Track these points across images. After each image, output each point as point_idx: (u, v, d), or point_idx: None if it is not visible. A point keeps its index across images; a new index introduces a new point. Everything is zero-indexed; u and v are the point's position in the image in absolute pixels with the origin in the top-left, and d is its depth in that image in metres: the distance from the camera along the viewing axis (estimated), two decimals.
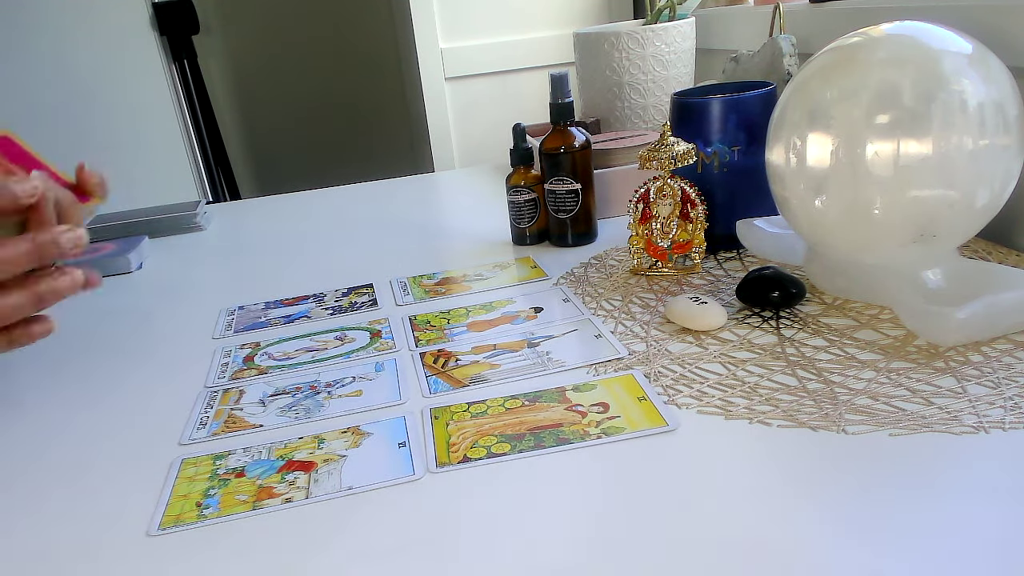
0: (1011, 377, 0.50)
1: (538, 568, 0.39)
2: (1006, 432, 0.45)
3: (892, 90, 0.54)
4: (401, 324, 0.71)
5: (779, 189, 0.62)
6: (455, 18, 1.70)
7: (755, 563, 0.37)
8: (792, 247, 0.69)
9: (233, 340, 0.72)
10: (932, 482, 0.41)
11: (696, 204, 0.71)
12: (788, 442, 0.46)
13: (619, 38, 1.09)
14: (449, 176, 1.32)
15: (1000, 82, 0.54)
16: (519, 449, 0.49)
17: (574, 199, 0.82)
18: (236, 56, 2.64)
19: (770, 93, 0.72)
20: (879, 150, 0.54)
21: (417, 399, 0.57)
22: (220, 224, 1.16)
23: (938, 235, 0.55)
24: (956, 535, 0.37)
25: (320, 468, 0.49)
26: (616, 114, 1.14)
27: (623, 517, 0.42)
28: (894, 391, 0.50)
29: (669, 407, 0.52)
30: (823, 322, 0.60)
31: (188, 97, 1.98)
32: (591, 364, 0.59)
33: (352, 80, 2.71)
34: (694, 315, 0.61)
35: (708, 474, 0.45)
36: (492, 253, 0.87)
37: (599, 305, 0.69)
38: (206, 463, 0.52)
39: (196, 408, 0.60)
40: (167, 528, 0.45)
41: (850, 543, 0.38)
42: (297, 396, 0.60)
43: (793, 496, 0.42)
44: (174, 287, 0.90)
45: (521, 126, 0.84)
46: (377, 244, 0.96)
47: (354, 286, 0.82)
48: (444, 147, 1.79)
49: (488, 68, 1.74)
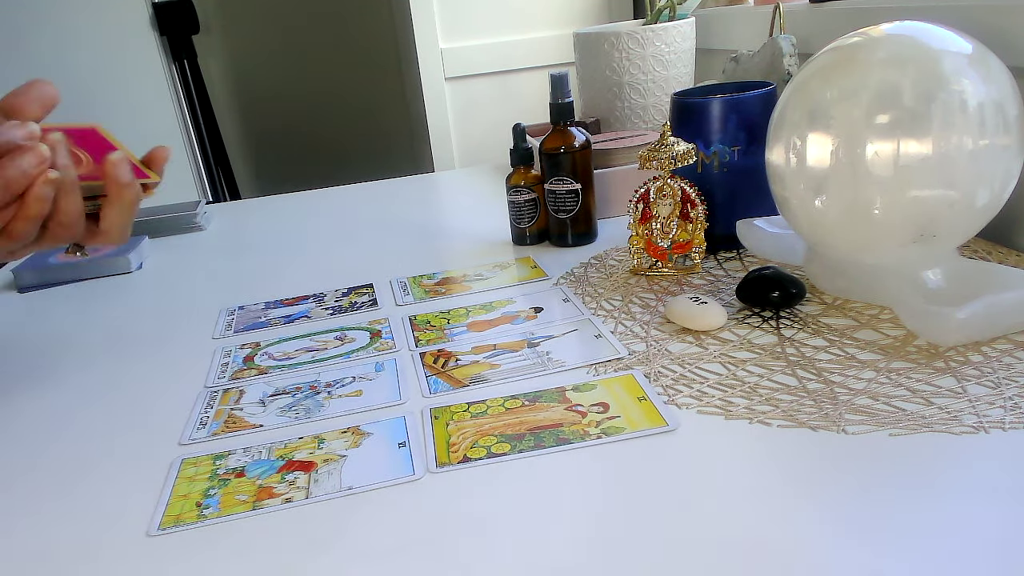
0: (1011, 377, 0.50)
1: (538, 568, 0.39)
2: (1006, 432, 0.45)
3: (892, 90, 0.54)
4: (401, 324, 0.71)
5: (779, 189, 0.62)
6: (455, 18, 1.70)
7: (755, 563, 0.37)
8: (792, 247, 0.69)
9: (233, 340, 0.72)
10: (932, 482, 0.41)
11: (696, 204, 0.71)
12: (788, 442, 0.46)
13: (619, 38, 1.09)
14: (449, 176, 1.32)
15: (1000, 82, 0.54)
16: (519, 449, 0.49)
17: (574, 199, 0.82)
18: (236, 56, 2.64)
19: (770, 93, 0.72)
20: (879, 150, 0.54)
21: (417, 399, 0.57)
22: (220, 224, 1.16)
23: (938, 235, 0.55)
24: (956, 535, 0.37)
25: (320, 468, 0.49)
26: (616, 114, 1.14)
27: (623, 517, 0.42)
28: (894, 391, 0.50)
29: (669, 407, 0.52)
30: (823, 322, 0.60)
31: (188, 97, 1.98)
32: (591, 364, 0.59)
33: (352, 80, 2.71)
34: (694, 315, 0.61)
35: (708, 474, 0.45)
36: (492, 253, 0.87)
37: (599, 305, 0.69)
38: (206, 463, 0.52)
39: (196, 408, 0.60)
40: (167, 528, 0.45)
41: (850, 543, 0.38)
42: (297, 396, 0.60)
43: (793, 496, 0.42)
44: (174, 287, 0.90)
45: (521, 126, 0.84)
46: (377, 244, 0.96)
47: (354, 286, 0.82)
48: (444, 147, 1.79)
49: (488, 68, 1.74)
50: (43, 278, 0.94)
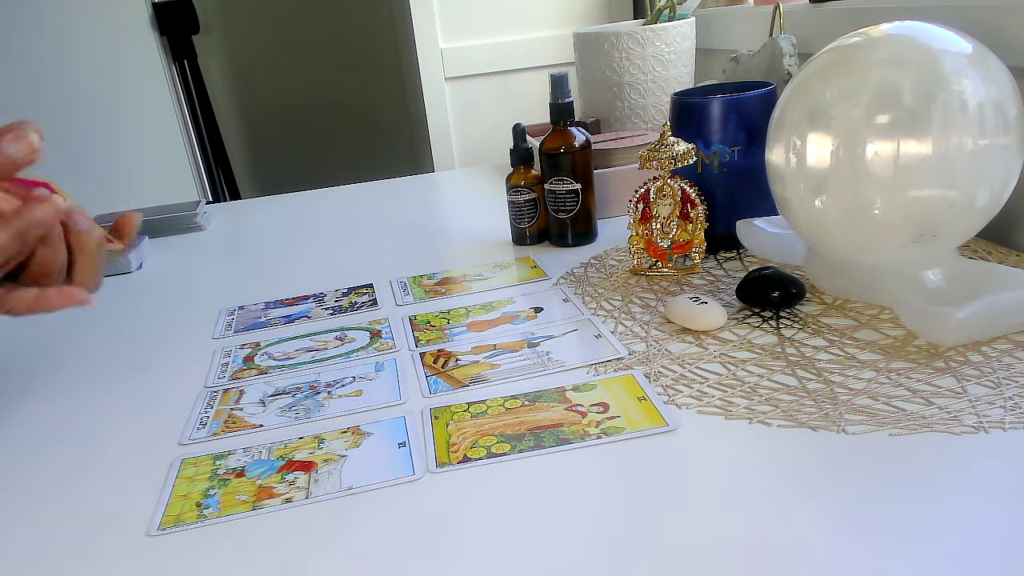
0: (1011, 377, 0.50)
1: (538, 568, 0.39)
2: (1006, 432, 0.45)
3: (892, 90, 0.54)
4: (401, 324, 0.71)
5: (779, 189, 0.62)
6: (455, 18, 1.70)
7: (755, 563, 0.37)
8: (792, 247, 0.69)
9: (233, 340, 0.72)
10: (932, 482, 0.41)
11: (696, 204, 0.71)
12: (788, 442, 0.46)
13: (619, 38, 1.09)
14: (449, 176, 1.32)
15: (1000, 82, 0.54)
16: (519, 449, 0.49)
17: (574, 199, 0.82)
18: (236, 56, 2.64)
19: (770, 93, 0.72)
20: (879, 150, 0.54)
21: (417, 399, 0.57)
22: (220, 224, 1.16)
23: (938, 235, 0.55)
24: (956, 535, 0.37)
25: (320, 468, 0.49)
26: (616, 114, 1.14)
27: (623, 517, 0.42)
28: (894, 391, 0.50)
29: (669, 407, 0.52)
30: (823, 322, 0.60)
31: (188, 97, 1.98)
32: (591, 364, 0.59)
33: (352, 80, 2.71)
34: (694, 315, 0.61)
35: (708, 474, 0.45)
36: (492, 253, 0.87)
37: (599, 305, 0.69)
38: (206, 463, 0.52)
39: (196, 408, 0.60)
40: (167, 528, 0.45)
41: (850, 543, 0.38)
42: (297, 396, 0.60)
43: (793, 496, 0.42)
44: (174, 287, 0.90)
45: (521, 126, 0.84)
46: (377, 244, 0.96)
47: (354, 286, 0.82)
48: (444, 147, 1.79)
49: (488, 68, 1.74)
50: None
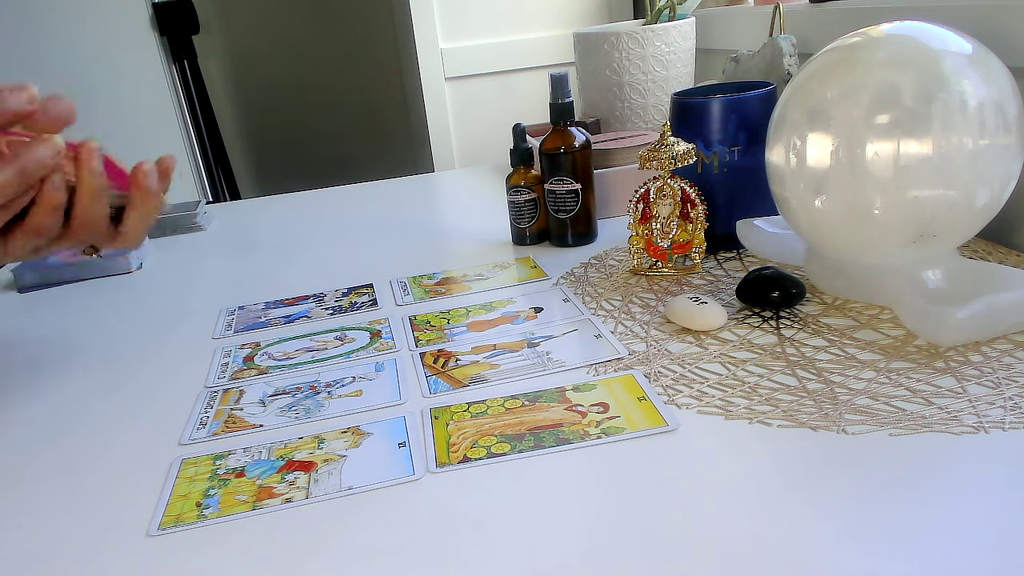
0: (1011, 377, 0.50)
1: (538, 568, 0.39)
2: (1006, 432, 0.45)
3: (892, 90, 0.54)
4: (401, 324, 0.71)
5: (779, 189, 0.62)
6: (455, 18, 1.70)
7: (755, 563, 0.37)
8: (792, 247, 0.69)
9: (233, 340, 0.72)
10: (932, 482, 0.41)
11: (696, 204, 0.71)
12: (788, 442, 0.46)
13: (619, 38, 1.09)
14: (449, 176, 1.32)
15: (1000, 82, 0.54)
16: (519, 449, 0.49)
17: (574, 199, 0.82)
18: (236, 56, 2.64)
19: (770, 93, 0.72)
20: (879, 150, 0.54)
21: (417, 399, 0.57)
22: (220, 224, 1.16)
23: (938, 235, 0.55)
24: (956, 535, 0.37)
25: (320, 468, 0.49)
26: (616, 114, 1.14)
27: (623, 517, 0.42)
28: (894, 391, 0.50)
29: (669, 407, 0.52)
30: (823, 322, 0.60)
31: (188, 97, 1.98)
32: (591, 364, 0.59)
33: (352, 80, 2.71)
34: (694, 315, 0.61)
35: (708, 474, 0.45)
36: (492, 253, 0.87)
37: (599, 305, 0.69)
38: (206, 463, 0.52)
39: (196, 408, 0.60)
40: (167, 528, 0.45)
41: (850, 543, 0.38)
42: (297, 396, 0.60)
43: (793, 496, 0.42)
44: (174, 287, 0.90)
45: (521, 126, 0.84)
46: (377, 244, 0.96)
47: (354, 286, 0.82)
48: (444, 147, 1.79)
49: (488, 68, 1.74)
50: (43, 278, 0.94)
